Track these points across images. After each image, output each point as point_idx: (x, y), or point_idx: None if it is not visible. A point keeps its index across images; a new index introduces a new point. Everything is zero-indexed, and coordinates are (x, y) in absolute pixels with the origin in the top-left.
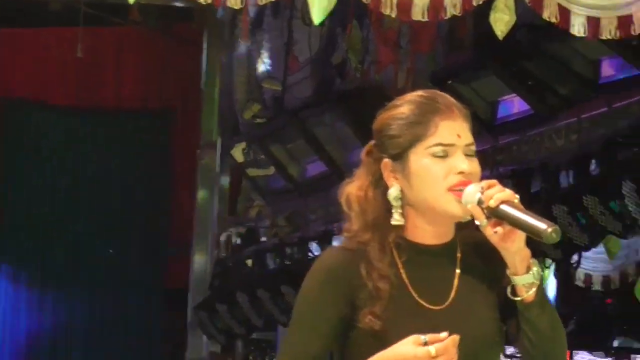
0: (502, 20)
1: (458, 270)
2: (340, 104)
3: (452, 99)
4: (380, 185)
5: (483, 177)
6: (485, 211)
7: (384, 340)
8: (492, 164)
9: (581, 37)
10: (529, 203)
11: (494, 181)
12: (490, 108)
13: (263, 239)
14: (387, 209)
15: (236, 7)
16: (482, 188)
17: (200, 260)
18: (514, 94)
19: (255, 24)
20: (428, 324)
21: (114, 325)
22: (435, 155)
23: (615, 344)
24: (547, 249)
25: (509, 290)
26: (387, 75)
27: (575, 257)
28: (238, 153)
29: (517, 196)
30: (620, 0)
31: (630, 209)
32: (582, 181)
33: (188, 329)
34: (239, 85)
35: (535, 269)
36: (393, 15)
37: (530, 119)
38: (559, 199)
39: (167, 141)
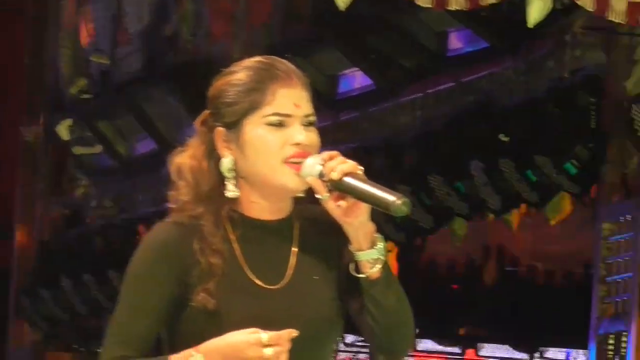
0: None
1: (295, 248)
2: (171, 79)
3: (291, 66)
4: (214, 156)
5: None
6: (327, 184)
7: (217, 320)
8: (332, 141)
9: (427, 8)
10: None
11: (336, 152)
12: (331, 82)
13: (88, 220)
14: (221, 180)
15: None
16: (323, 160)
17: (22, 243)
18: (356, 68)
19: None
20: (263, 304)
21: None
22: (271, 125)
23: (462, 331)
24: (389, 232)
25: (351, 267)
26: (221, 48)
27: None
28: (63, 130)
29: (362, 168)
30: None
31: (478, 189)
32: (427, 160)
33: (9, 317)
34: (64, 59)
35: (380, 244)
36: None
37: (372, 94)
38: (402, 179)
39: None
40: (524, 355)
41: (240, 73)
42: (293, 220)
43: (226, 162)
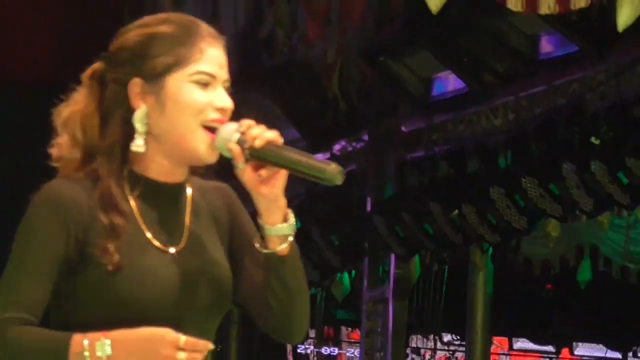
0: None
1: (188, 213)
2: (266, 81)
3: (209, 26)
4: (121, 108)
5: (417, 159)
6: (246, 152)
7: (115, 281)
8: (426, 143)
9: (518, 12)
10: (466, 184)
11: (252, 121)
12: (424, 85)
13: None
14: (124, 136)
15: None
16: (241, 127)
17: None
18: (449, 71)
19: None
20: (163, 265)
21: None
22: (197, 83)
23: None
24: (485, 232)
25: (256, 242)
26: (315, 51)
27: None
28: None
29: (282, 139)
30: None
31: (570, 191)
32: (520, 162)
33: None
34: None
35: (292, 219)
36: None
37: (466, 96)
38: (496, 181)
39: None
40: (618, 354)
41: (163, 26)
42: (185, 187)
43: (140, 114)
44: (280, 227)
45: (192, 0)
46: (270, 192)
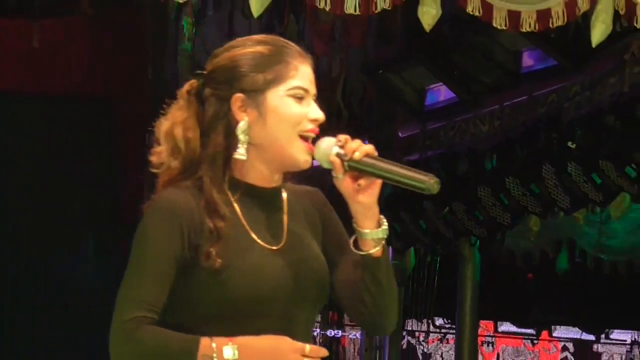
0: (429, 14)
1: (285, 215)
2: None
3: (300, 48)
4: (220, 122)
5: (412, 161)
6: (346, 164)
7: (224, 280)
8: (420, 148)
9: (503, 30)
10: (456, 185)
11: (348, 135)
12: (419, 96)
13: None
14: (226, 146)
15: (180, 1)
16: (339, 141)
17: None
18: (441, 83)
19: (198, 17)
20: (268, 263)
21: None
22: (294, 97)
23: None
24: (472, 227)
25: (352, 243)
26: (321, 65)
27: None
28: None
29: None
30: None
31: (550, 190)
32: (504, 164)
33: None
34: (183, 75)
35: (385, 225)
36: (327, 9)
37: (456, 106)
38: (483, 181)
39: (115, 125)
40: (592, 337)
41: (259, 46)
42: (281, 191)
43: (243, 125)
44: (375, 232)
45: (211, 19)
46: (366, 200)
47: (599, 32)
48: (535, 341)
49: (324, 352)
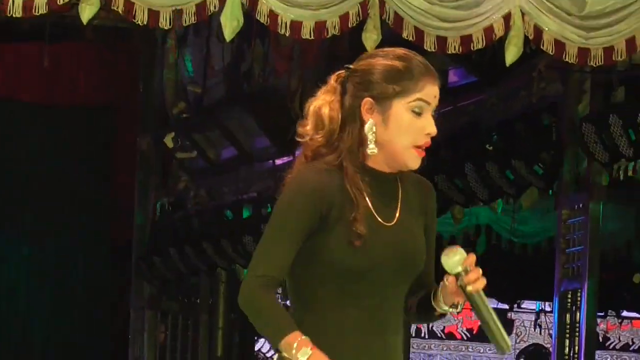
0: (371, 39)
1: (400, 196)
2: (246, 103)
3: (431, 66)
4: (354, 119)
5: None
6: (461, 287)
7: (355, 249)
8: None
9: (432, 52)
10: None
11: (473, 260)
12: None
13: (188, 206)
14: (360, 139)
15: (166, 28)
16: (465, 264)
17: (140, 223)
18: None
19: (180, 41)
20: (383, 237)
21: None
22: (414, 110)
23: None
24: None
25: (432, 298)
26: (282, 81)
27: None
28: (169, 140)
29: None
30: (462, 23)
31: (471, 184)
32: (432, 163)
33: (132, 277)
34: (168, 88)
35: (459, 307)
36: (287, 35)
37: None
38: None
39: (113, 134)
40: (506, 306)
41: (396, 61)
42: (397, 179)
43: (370, 125)
44: (446, 308)
45: (192, 43)
46: (457, 300)
47: (512, 54)
48: (460, 309)
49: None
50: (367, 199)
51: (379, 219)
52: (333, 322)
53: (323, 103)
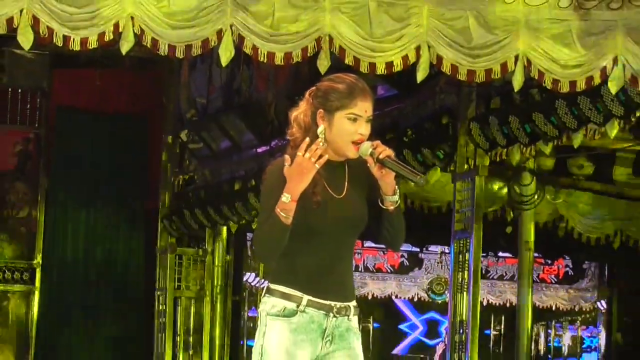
0: (323, 64)
1: (347, 176)
2: (238, 110)
3: (368, 88)
4: (314, 123)
5: None
6: (375, 159)
7: (315, 213)
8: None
9: (366, 73)
10: None
11: (378, 142)
12: None
13: (197, 182)
14: (316, 137)
15: (180, 57)
16: (373, 145)
17: (164, 194)
18: None
19: (190, 66)
20: (334, 204)
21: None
22: (349, 118)
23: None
24: None
25: (379, 201)
26: (262, 95)
27: None
28: (183, 136)
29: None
30: (386, 53)
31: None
32: None
33: (159, 231)
34: (183, 100)
35: (397, 194)
36: (265, 61)
37: None
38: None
39: (146, 132)
40: (417, 249)
41: (341, 85)
42: (345, 162)
43: (321, 129)
44: (392, 197)
45: (199, 68)
46: (387, 179)
47: (421, 74)
48: (385, 252)
49: (316, 143)
50: (322, 178)
51: (331, 192)
52: (300, 265)
53: (300, 111)
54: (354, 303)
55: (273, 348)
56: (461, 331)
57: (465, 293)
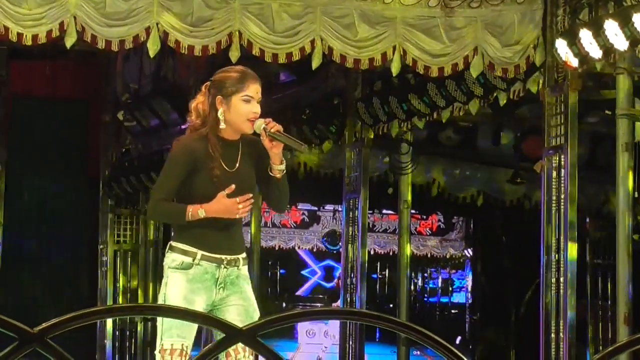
0: (234, 55)
1: (240, 153)
2: (164, 94)
3: (256, 75)
4: (214, 107)
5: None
6: (267, 133)
7: (212, 184)
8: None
9: (270, 62)
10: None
11: (270, 119)
12: None
13: (132, 153)
14: (217, 120)
15: (115, 50)
16: (265, 122)
17: (104, 163)
18: None
19: (124, 57)
20: (229, 178)
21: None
22: (244, 100)
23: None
24: None
25: (269, 170)
26: (184, 81)
27: None
28: (120, 115)
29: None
30: (285, 45)
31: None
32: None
33: (101, 196)
34: (119, 86)
35: (284, 164)
36: (186, 53)
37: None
38: None
39: (88, 114)
40: (315, 208)
41: (234, 73)
42: (240, 141)
43: (220, 112)
44: (279, 166)
45: (132, 58)
46: (276, 150)
47: (316, 62)
48: (289, 210)
49: (249, 196)
50: (219, 155)
51: (226, 167)
52: (197, 226)
53: (199, 102)
54: (243, 255)
55: (174, 295)
56: (352, 275)
57: (355, 244)
